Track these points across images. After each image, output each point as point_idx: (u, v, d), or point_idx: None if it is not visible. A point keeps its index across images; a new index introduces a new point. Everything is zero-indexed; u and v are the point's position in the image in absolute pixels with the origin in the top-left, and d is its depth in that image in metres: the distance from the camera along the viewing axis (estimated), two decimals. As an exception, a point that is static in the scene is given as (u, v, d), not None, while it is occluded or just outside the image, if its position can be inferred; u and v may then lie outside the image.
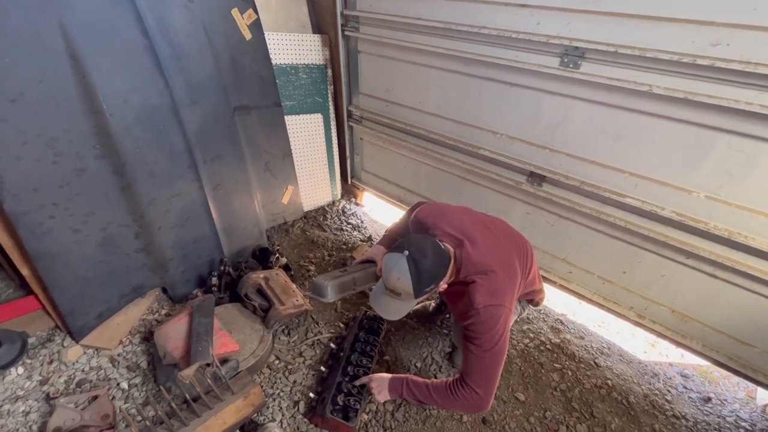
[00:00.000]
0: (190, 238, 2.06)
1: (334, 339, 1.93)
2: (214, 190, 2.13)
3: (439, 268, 1.27)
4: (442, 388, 1.36)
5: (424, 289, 1.26)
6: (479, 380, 1.30)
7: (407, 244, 1.26)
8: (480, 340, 1.28)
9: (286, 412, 1.61)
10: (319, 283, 1.67)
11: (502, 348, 1.29)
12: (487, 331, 1.27)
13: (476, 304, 1.27)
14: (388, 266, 1.28)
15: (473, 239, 1.38)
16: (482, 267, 1.33)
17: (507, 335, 1.31)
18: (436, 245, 1.29)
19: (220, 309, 1.91)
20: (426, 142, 2.47)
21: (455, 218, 1.46)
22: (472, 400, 1.30)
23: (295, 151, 2.69)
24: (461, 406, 1.33)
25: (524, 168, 2.05)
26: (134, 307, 1.98)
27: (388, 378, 1.50)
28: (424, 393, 1.39)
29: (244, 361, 1.68)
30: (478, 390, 1.30)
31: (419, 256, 1.23)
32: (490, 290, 1.30)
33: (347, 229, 2.88)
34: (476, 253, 1.35)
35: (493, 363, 1.29)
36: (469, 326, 1.30)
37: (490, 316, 1.27)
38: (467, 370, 1.32)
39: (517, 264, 1.41)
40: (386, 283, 1.31)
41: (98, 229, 1.76)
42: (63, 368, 1.70)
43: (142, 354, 1.79)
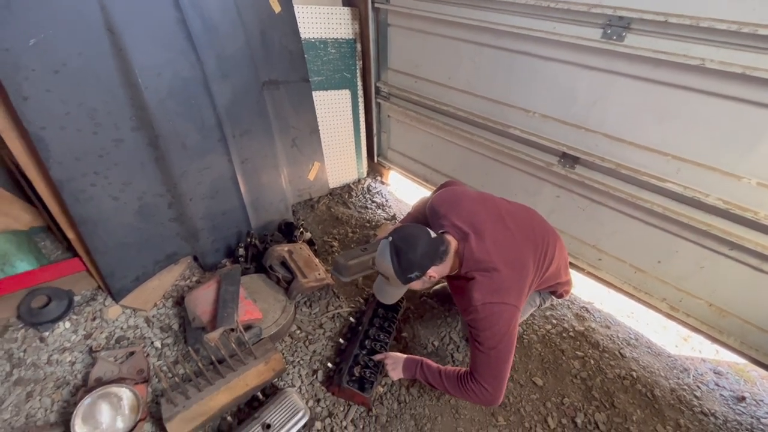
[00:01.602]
0: (220, 210, 2.13)
1: (354, 313, 1.97)
2: (243, 164, 2.18)
3: (425, 258, 1.27)
4: (453, 378, 1.37)
5: (407, 275, 1.28)
6: (487, 377, 1.29)
7: (395, 232, 1.31)
8: (481, 338, 1.26)
9: (305, 379, 1.67)
10: (339, 262, 1.70)
11: (507, 347, 1.27)
12: (488, 329, 1.25)
13: (474, 300, 1.26)
14: (379, 251, 1.33)
15: (481, 233, 1.34)
16: (484, 264, 1.30)
17: (512, 333, 1.28)
18: (427, 236, 1.29)
19: (246, 278, 1.99)
20: (454, 121, 2.41)
21: (468, 209, 1.43)
22: (482, 395, 1.30)
23: (322, 127, 2.70)
24: (472, 398, 1.33)
25: (556, 149, 1.96)
26: (168, 273, 2.10)
27: (404, 358, 1.52)
28: (436, 378, 1.41)
29: (266, 329, 1.75)
30: (487, 386, 1.29)
31: (403, 245, 1.26)
32: (490, 288, 1.27)
33: (371, 207, 2.88)
34: (480, 248, 1.32)
35: (499, 361, 1.27)
36: (470, 322, 1.30)
37: (489, 314, 1.24)
38: (475, 366, 1.31)
39: (530, 261, 1.37)
40: (377, 266, 1.37)
41: (135, 198, 1.85)
42: (104, 325, 1.83)
43: (174, 317, 1.90)
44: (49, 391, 1.56)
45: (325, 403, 1.59)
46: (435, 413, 1.60)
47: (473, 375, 1.32)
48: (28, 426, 1.45)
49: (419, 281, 1.33)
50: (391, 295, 1.49)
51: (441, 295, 2.12)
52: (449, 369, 1.41)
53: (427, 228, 1.33)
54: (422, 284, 1.37)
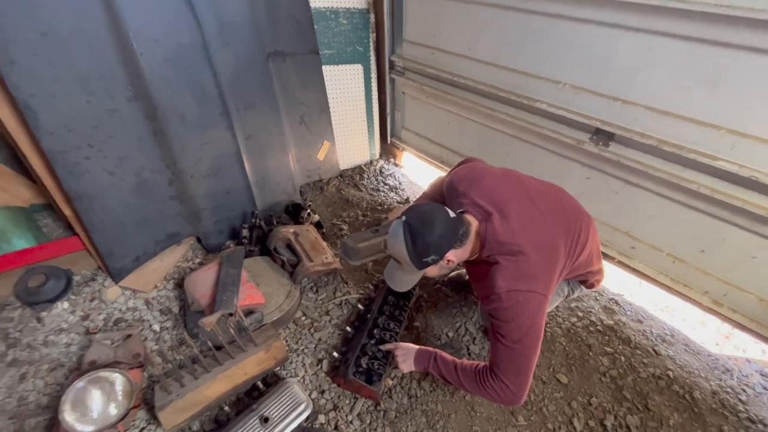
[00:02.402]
0: (223, 189, 2.02)
1: (363, 300, 1.85)
2: (247, 141, 2.06)
3: (443, 240, 1.12)
4: (471, 373, 1.23)
5: (422, 259, 1.14)
6: (509, 373, 1.14)
7: (409, 211, 1.17)
8: (504, 329, 1.12)
9: (309, 369, 1.56)
10: (348, 244, 1.57)
11: (532, 340, 1.12)
12: (512, 320, 1.10)
13: (497, 288, 1.11)
14: (390, 232, 1.19)
15: (506, 213, 1.19)
16: (509, 247, 1.14)
17: (540, 325, 1.13)
18: (445, 216, 1.14)
19: (249, 261, 1.88)
20: (474, 96, 2.22)
21: (491, 186, 1.27)
22: (503, 394, 1.16)
23: (333, 104, 2.55)
24: (491, 396, 1.18)
25: (589, 124, 1.76)
26: (169, 253, 2.01)
27: (416, 349, 1.39)
28: (451, 373, 1.27)
29: (269, 314, 1.65)
30: (509, 384, 1.15)
31: (418, 225, 1.12)
32: (515, 274, 1.12)
33: (384, 190, 2.74)
34: (505, 230, 1.16)
35: (524, 356, 1.13)
36: (492, 312, 1.14)
37: (513, 303, 1.10)
38: (495, 361, 1.17)
39: (561, 245, 1.20)
40: (388, 249, 1.23)
41: (132, 173, 1.75)
42: (102, 306, 1.76)
43: (175, 299, 1.82)
44: (42, 374, 1.49)
45: (329, 395, 1.48)
46: (449, 410, 1.47)
47: (493, 370, 1.18)
48: (20, 409, 1.38)
49: (436, 266, 1.19)
50: (403, 282, 1.35)
51: (456, 283, 1.98)
52: (466, 363, 1.27)
53: (445, 207, 1.18)
54: (439, 270, 1.23)
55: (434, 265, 1.17)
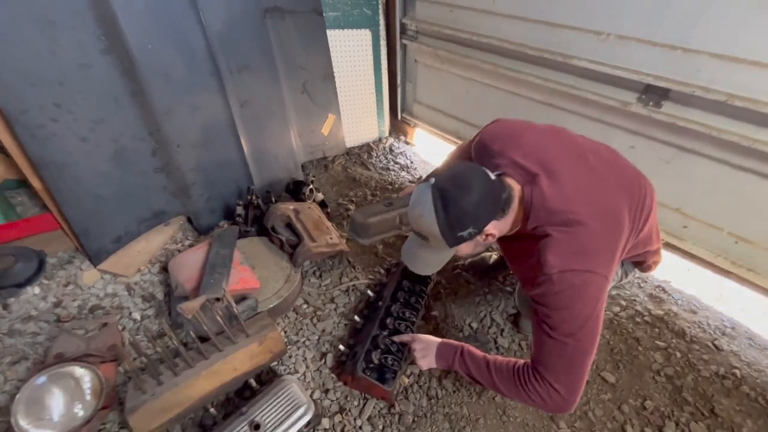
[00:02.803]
0: (215, 162, 1.79)
1: (373, 286, 1.62)
2: (242, 108, 1.83)
3: (483, 208, 0.88)
4: (507, 373, 0.99)
5: (456, 233, 0.89)
6: (559, 374, 0.92)
7: (441, 171, 0.93)
8: (554, 320, 0.89)
9: (311, 364, 1.34)
10: (356, 219, 1.33)
11: (590, 334, 0.89)
12: (565, 307, 0.87)
13: (548, 267, 0.87)
14: (414, 198, 0.94)
15: (555, 174, 0.94)
16: (563, 215, 0.90)
17: (599, 315, 0.89)
18: (484, 177, 0.89)
19: (244, 242, 1.66)
20: (497, 57, 1.97)
21: (534, 142, 1.01)
22: (550, 399, 0.93)
23: (338, 74, 2.30)
24: (533, 402, 0.95)
25: (637, 81, 1.50)
26: (156, 234, 1.79)
27: (437, 342, 1.16)
28: (482, 372, 1.04)
29: (265, 300, 1.43)
30: (558, 387, 0.91)
31: (452, 188, 0.87)
32: (572, 249, 0.88)
33: (394, 169, 2.50)
34: (556, 194, 0.92)
35: (578, 353, 0.90)
36: (538, 298, 0.91)
37: (568, 287, 0.86)
38: (541, 358, 0.94)
39: (625, 214, 0.96)
40: (411, 223, 0.98)
41: (109, 139, 1.53)
42: (78, 292, 1.55)
43: (160, 285, 1.60)
44: (3, 367, 1.28)
45: (335, 395, 1.26)
46: (476, 413, 1.24)
47: (538, 370, 0.94)
48: (-27, 409, 1.18)
49: (471, 243, 0.93)
50: (428, 263, 1.08)
51: (478, 268, 1.74)
52: (500, 359, 1.03)
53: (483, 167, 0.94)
54: (473, 247, 0.98)
55: (470, 240, 0.92)
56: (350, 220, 1.36)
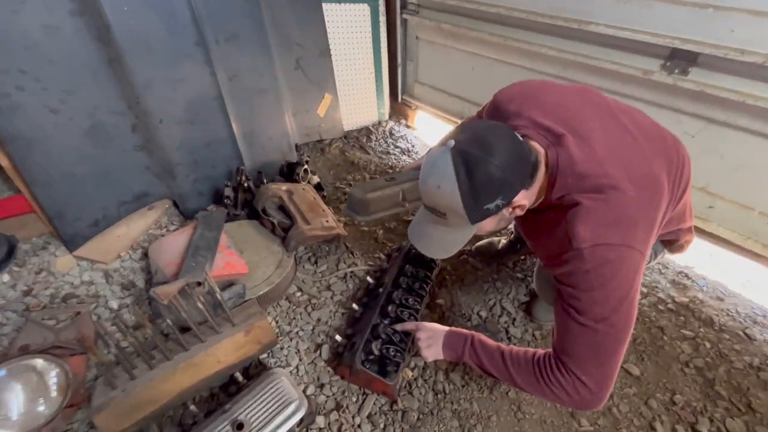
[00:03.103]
0: (202, 141, 1.66)
1: (373, 272, 1.49)
2: (231, 82, 1.69)
3: (512, 172, 0.73)
4: (526, 365, 0.87)
5: (483, 205, 0.74)
6: (587, 365, 0.79)
7: (458, 133, 0.75)
8: (584, 303, 0.76)
9: (304, 356, 1.22)
10: (355, 195, 1.20)
11: (625, 318, 0.76)
12: (597, 288, 0.74)
13: (578, 241, 0.74)
14: (426, 167, 0.78)
15: (584, 134, 0.80)
16: (595, 180, 0.77)
17: (634, 296, 0.77)
18: (510, 136, 0.76)
19: (233, 225, 1.53)
20: (507, 29, 1.83)
21: (557, 101, 0.88)
22: (576, 394, 0.80)
23: (335, 51, 2.17)
24: (557, 397, 0.83)
25: (662, 45, 1.37)
26: (139, 218, 1.66)
27: (444, 330, 1.03)
28: (497, 364, 0.91)
29: (254, 287, 1.30)
30: (586, 379, 0.79)
31: (476, 150, 0.71)
32: (606, 219, 0.75)
33: (395, 153, 2.36)
34: (586, 156, 0.78)
35: (610, 341, 0.77)
36: (564, 278, 0.79)
37: (601, 263, 0.73)
38: (566, 347, 0.81)
39: (664, 181, 0.82)
40: (423, 197, 0.82)
41: (83, 113, 1.40)
42: (51, 279, 1.42)
43: (141, 271, 1.48)
44: (-37, 362, 1.16)
45: (331, 391, 1.13)
46: (488, 410, 1.12)
47: (562, 361, 0.82)
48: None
49: (495, 217, 0.78)
50: (443, 245, 0.90)
51: (486, 254, 1.61)
52: (516, 350, 0.91)
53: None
54: (497, 223, 0.84)
55: (495, 215, 0.77)
56: (348, 197, 1.22)
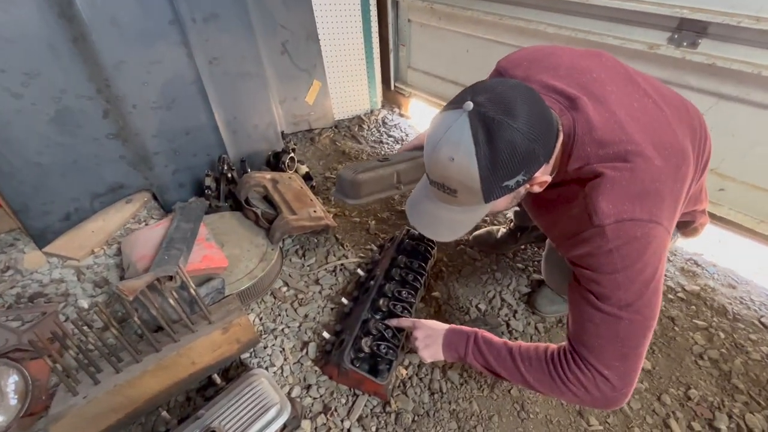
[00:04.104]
0: (181, 128, 1.56)
1: (364, 265, 1.40)
2: (211, 65, 1.59)
3: (539, 140, 0.60)
4: (538, 362, 0.78)
5: (503, 181, 0.62)
6: (609, 358, 0.70)
7: (473, 93, 0.61)
8: (605, 287, 0.68)
9: (290, 355, 1.13)
10: (344, 176, 1.09)
11: (651, 303, 0.68)
12: (621, 270, 0.66)
13: (600, 216, 0.65)
14: (436, 134, 0.63)
15: (602, 98, 0.71)
16: (618, 146, 0.67)
17: (661, 279, 0.69)
18: (533, 97, 0.63)
19: (214, 217, 1.43)
20: (503, 6, 1.73)
21: (568, 63, 0.78)
22: (596, 391, 0.72)
23: (323, 36, 2.06)
24: (575, 396, 0.74)
25: (669, 16, 1.28)
26: (116, 212, 1.56)
27: (444, 329, 0.93)
28: (505, 363, 0.82)
29: (236, 282, 1.21)
30: (609, 374, 0.70)
31: (498, 114, 0.58)
32: (631, 191, 0.66)
33: (388, 142, 2.27)
34: (606, 120, 0.69)
35: (636, 328, 0.68)
36: (582, 260, 0.70)
37: (626, 241, 0.65)
38: (584, 338, 0.72)
39: (690, 151, 0.73)
40: (430, 171, 0.68)
41: (48, 97, 1.29)
42: (18, 278, 1.32)
43: (115, 268, 1.38)
44: None
45: (318, 392, 1.04)
46: (488, 410, 1.03)
47: (580, 354, 0.73)
48: None
49: (510, 195, 0.66)
50: (450, 226, 0.76)
51: (485, 244, 1.52)
52: (526, 346, 0.82)
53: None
54: (510, 201, 0.73)
55: (512, 192, 0.65)
56: (337, 179, 1.12)
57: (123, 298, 0.91)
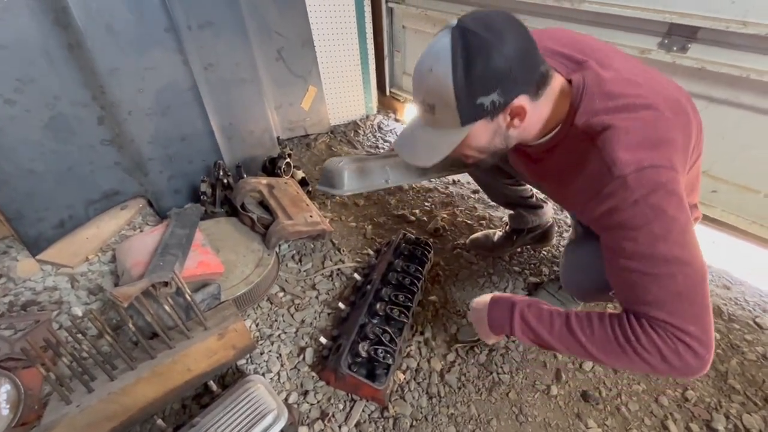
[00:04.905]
0: (177, 134, 1.55)
1: (361, 270, 1.40)
2: (206, 71, 1.60)
3: (519, 66, 0.63)
4: (602, 330, 0.69)
5: (477, 97, 0.64)
6: (683, 312, 0.63)
7: (466, 16, 0.65)
8: (642, 243, 0.64)
9: (287, 361, 1.12)
10: (330, 168, 1.07)
11: (695, 251, 0.64)
12: (654, 220, 0.62)
13: (619, 166, 0.63)
14: (423, 54, 0.68)
15: (607, 62, 0.74)
16: (627, 99, 0.68)
17: (693, 230, 0.66)
18: (521, 27, 0.65)
19: (210, 223, 1.43)
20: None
21: (569, 36, 0.83)
22: (675, 357, 0.63)
23: (319, 45, 2.08)
24: (648, 365, 0.66)
25: (658, 21, 1.30)
26: (110, 219, 1.55)
27: (486, 306, 0.85)
28: (561, 335, 0.73)
29: (232, 288, 1.20)
30: (690, 331, 0.62)
31: (482, 31, 0.61)
32: (646, 137, 0.64)
33: (384, 147, 2.28)
34: (615, 77, 0.70)
35: (694, 275, 0.63)
36: (608, 219, 0.67)
37: (652, 188, 0.62)
38: (646, 298, 0.65)
39: (690, 112, 0.74)
40: (414, 89, 0.72)
41: (42, 104, 1.29)
42: (11, 286, 1.31)
43: (111, 275, 1.37)
44: None
45: (315, 398, 1.03)
46: (487, 413, 1.03)
47: (650, 316, 0.65)
48: None
49: (489, 125, 0.69)
50: (428, 147, 0.76)
51: (481, 247, 1.53)
52: (581, 314, 0.74)
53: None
54: (490, 137, 0.72)
55: (487, 118, 0.67)
56: (322, 172, 1.09)
57: (118, 304, 0.90)
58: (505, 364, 1.13)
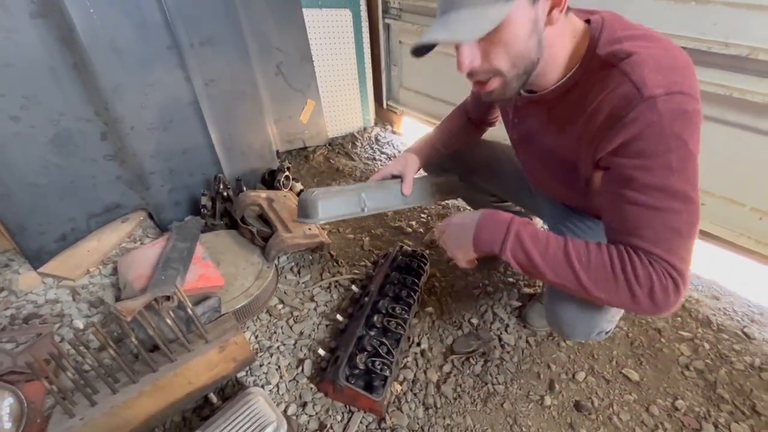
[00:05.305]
0: (178, 148, 1.59)
1: (359, 281, 1.42)
2: (207, 87, 1.63)
3: None
4: (599, 256, 0.68)
5: None
6: (677, 248, 0.64)
7: None
8: (656, 174, 0.63)
9: (285, 373, 1.14)
10: (305, 198, 1.09)
11: (696, 186, 0.65)
12: (674, 149, 0.61)
13: (649, 87, 0.60)
14: None
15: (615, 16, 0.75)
16: (646, 30, 0.68)
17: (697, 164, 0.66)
18: None
19: (210, 236, 1.45)
20: (489, 30, 1.81)
21: None
22: (661, 290, 0.64)
23: (317, 59, 2.13)
24: (634, 299, 0.66)
25: (646, 42, 1.35)
26: (111, 232, 1.57)
27: (478, 216, 0.79)
28: (554, 259, 0.70)
29: (232, 300, 1.22)
30: (676, 264, 0.64)
31: None
32: (674, 65, 0.63)
33: (381, 159, 2.32)
34: (628, 22, 0.71)
35: (695, 217, 0.66)
36: (627, 149, 0.65)
37: (678, 114, 0.60)
38: (640, 231, 0.65)
39: None
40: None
41: (47, 120, 1.32)
42: (12, 299, 1.32)
43: (111, 287, 1.39)
44: None
45: (314, 409, 1.05)
46: (482, 424, 1.05)
47: (649, 252, 0.65)
48: None
49: (530, 11, 0.64)
50: (467, 21, 0.65)
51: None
52: (577, 241, 0.71)
53: None
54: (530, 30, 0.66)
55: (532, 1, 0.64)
56: (298, 204, 1.10)
57: (121, 318, 0.92)
58: (500, 374, 1.16)
